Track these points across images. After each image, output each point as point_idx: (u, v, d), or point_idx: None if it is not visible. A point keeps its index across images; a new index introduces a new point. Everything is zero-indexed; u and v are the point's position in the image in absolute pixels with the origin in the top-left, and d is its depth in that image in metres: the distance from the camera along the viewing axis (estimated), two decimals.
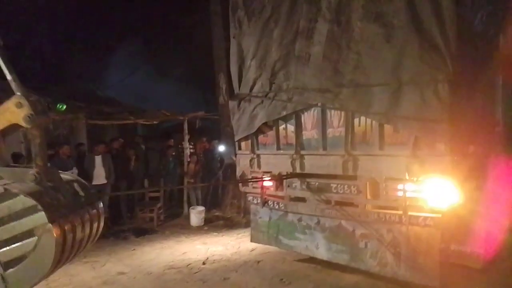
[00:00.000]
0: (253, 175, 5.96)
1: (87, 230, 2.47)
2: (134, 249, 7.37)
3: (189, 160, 10.78)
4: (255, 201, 5.99)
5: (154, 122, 11.60)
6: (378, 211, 4.76)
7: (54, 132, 10.95)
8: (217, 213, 10.22)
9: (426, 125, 4.23)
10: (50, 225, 2.12)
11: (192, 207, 9.87)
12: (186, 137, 11.15)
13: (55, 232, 2.13)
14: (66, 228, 2.23)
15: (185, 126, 11.09)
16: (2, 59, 2.30)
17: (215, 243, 7.67)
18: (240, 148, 6.13)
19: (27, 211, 2.12)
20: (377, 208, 4.81)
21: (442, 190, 4.30)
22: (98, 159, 9.09)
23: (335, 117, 5.07)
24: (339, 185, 5.08)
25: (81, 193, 2.45)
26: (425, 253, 4.44)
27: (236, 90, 5.95)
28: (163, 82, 12.57)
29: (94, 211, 2.54)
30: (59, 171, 2.75)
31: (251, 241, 6.27)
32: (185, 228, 9.02)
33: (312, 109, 5.26)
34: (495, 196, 4.96)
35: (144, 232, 8.69)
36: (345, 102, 4.84)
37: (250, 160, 5.89)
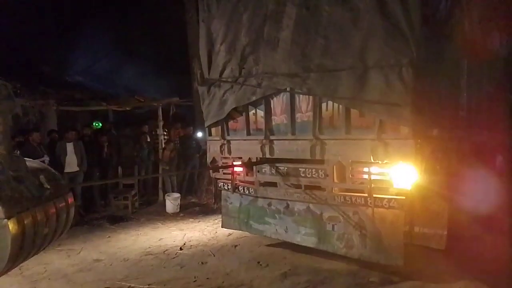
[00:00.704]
0: (224, 161, 5.94)
1: (53, 224, 2.41)
2: (109, 237, 7.32)
3: (164, 147, 10.68)
4: (225, 187, 5.99)
5: (127, 108, 11.41)
6: (345, 194, 4.83)
7: (23, 118, 10.67)
8: (193, 200, 10.22)
9: (390, 109, 4.28)
10: (5, 220, 2.03)
11: (167, 194, 9.80)
12: (161, 124, 11.03)
13: (11, 228, 2.05)
14: (26, 223, 2.15)
15: (159, 112, 10.96)
16: None
17: (191, 229, 7.67)
18: (210, 134, 6.10)
19: None
20: (343, 191, 4.87)
21: (406, 173, 4.39)
22: (69, 146, 8.91)
23: (304, 102, 5.09)
24: (307, 169, 5.11)
25: (47, 185, 2.35)
26: (390, 234, 4.54)
27: (206, 75, 5.88)
28: (135, 67, 12.33)
29: (63, 204, 2.49)
30: (28, 159, 2.64)
31: (222, 226, 6.29)
32: (161, 215, 8.98)
33: (281, 94, 5.26)
34: (458, 179, 5.09)
35: (119, 219, 8.61)
36: (313, 86, 4.85)
37: (221, 146, 5.88)
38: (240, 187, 5.82)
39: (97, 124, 9.16)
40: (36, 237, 2.27)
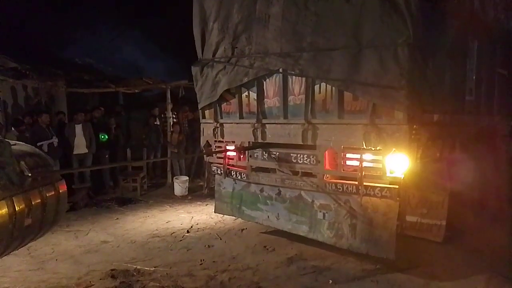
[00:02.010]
0: (217, 145, 5.77)
1: (39, 214, 2.32)
2: (117, 218, 7.32)
3: (172, 129, 10.60)
4: (218, 172, 5.83)
5: (136, 90, 11.34)
6: (336, 182, 4.59)
7: (33, 100, 10.75)
8: (201, 183, 10.12)
9: (384, 92, 4.00)
10: None
11: (175, 176, 9.76)
12: (169, 106, 10.92)
13: None
14: (1, 214, 2.04)
15: (168, 95, 10.85)
16: None
17: (199, 212, 7.62)
18: (204, 117, 5.91)
19: None
20: (335, 178, 4.64)
21: (400, 160, 4.12)
22: (78, 128, 8.95)
23: (296, 84, 4.84)
24: (299, 155, 4.88)
25: (27, 173, 2.22)
26: (382, 225, 4.30)
27: (199, 55, 5.67)
28: (145, 49, 12.24)
29: (51, 192, 2.41)
30: (20, 143, 2.49)
31: (215, 211, 6.16)
32: (169, 198, 8.96)
33: (274, 75, 5.01)
34: (461, 167, 4.77)
35: (128, 201, 8.63)
36: (305, 67, 4.59)
37: (214, 129, 5.70)
38: (232, 172, 5.64)
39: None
40: (15, 229, 2.15)
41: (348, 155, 4.47)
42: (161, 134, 10.92)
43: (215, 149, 5.76)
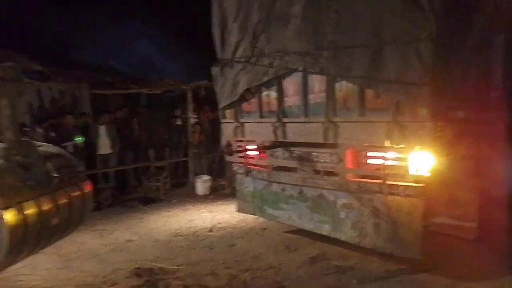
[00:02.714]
0: (238, 144, 5.78)
1: (65, 213, 2.34)
2: (141, 218, 7.45)
3: (193, 130, 10.69)
4: (240, 171, 5.84)
5: (158, 91, 11.48)
6: (359, 180, 4.54)
7: (59, 101, 11.00)
8: (222, 182, 10.17)
9: (407, 88, 3.92)
10: (1, 212, 1.97)
11: (197, 176, 9.84)
12: (190, 107, 11.03)
13: (8, 219, 1.99)
14: (28, 213, 2.07)
15: (189, 95, 10.96)
16: None
17: (221, 211, 7.68)
18: (224, 117, 5.94)
19: None
20: (357, 177, 4.59)
21: (424, 158, 4.04)
22: (102, 129, 9.12)
23: (317, 82, 4.80)
24: (320, 154, 4.85)
25: (54, 173, 2.25)
26: (406, 224, 4.22)
27: (219, 55, 5.70)
28: (166, 50, 12.38)
29: (77, 192, 2.42)
30: (47, 144, 2.55)
31: (237, 211, 6.18)
32: (191, 197, 9.05)
33: (294, 74, 4.98)
34: (489, 165, 4.65)
35: (151, 201, 8.76)
36: (326, 65, 4.55)
37: (234, 129, 5.71)
38: (253, 171, 5.64)
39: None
40: (42, 228, 2.19)
41: (370, 154, 4.41)
42: (183, 134, 11.02)
43: (236, 148, 5.77)
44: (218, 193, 9.33)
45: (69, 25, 10.10)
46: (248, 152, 5.58)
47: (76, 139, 8.78)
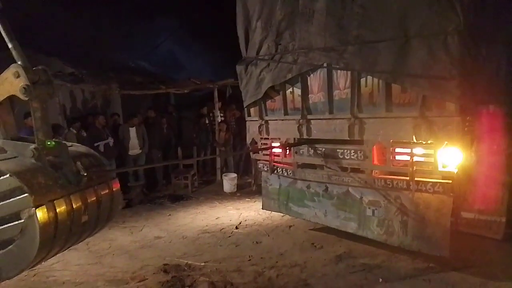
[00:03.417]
0: (263, 142, 5.78)
1: (94, 211, 2.39)
2: (170, 215, 7.60)
3: (219, 128, 10.79)
4: (265, 168, 5.85)
5: (185, 91, 11.62)
6: (386, 177, 4.47)
7: (90, 102, 11.32)
8: (249, 180, 10.22)
9: (434, 82, 3.84)
10: (33, 209, 2.01)
11: (224, 174, 9.94)
12: (217, 105, 11.13)
13: (40, 217, 2.04)
14: (59, 211, 2.13)
15: (215, 94, 11.07)
16: (2, 25, 2.17)
17: (247, 208, 7.74)
18: (249, 115, 5.95)
19: (14, 192, 2.04)
20: (384, 174, 4.51)
21: (453, 154, 3.94)
22: (132, 131, 9.33)
23: (342, 78, 4.74)
24: (345, 151, 4.80)
25: (83, 172, 2.30)
26: (435, 222, 4.13)
27: (243, 54, 5.71)
28: (194, 50, 12.50)
29: (106, 191, 2.47)
30: (77, 144, 2.67)
31: (263, 208, 6.18)
32: (218, 194, 9.16)
33: (318, 70, 4.94)
34: None
35: (179, 198, 8.91)
36: (350, 61, 4.49)
37: (259, 127, 5.71)
38: (279, 168, 5.64)
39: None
40: (73, 225, 2.25)
41: (397, 150, 4.33)
42: (210, 133, 11.14)
43: (261, 146, 5.78)
44: (245, 190, 9.39)
45: (100, 27, 10.33)
46: (273, 150, 5.57)
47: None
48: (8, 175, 2.03)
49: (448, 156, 3.97)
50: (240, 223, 6.72)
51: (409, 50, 3.99)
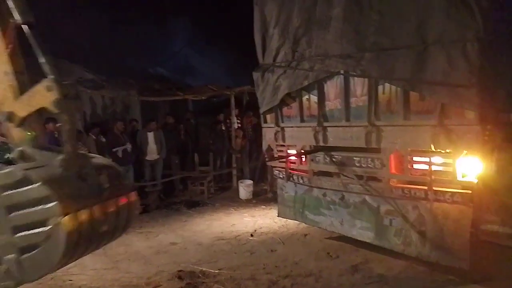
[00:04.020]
0: (278, 149, 5.77)
1: (113, 222, 2.50)
2: (185, 221, 7.64)
3: (236, 135, 10.81)
4: (281, 175, 5.83)
5: (203, 97, 11.71)
6: (403, 186, 4.40)
7: (109, 108, 11.48)
8: (265, 187, 10.21)
9: (453, 90, 3.78)
10: (61, 218, 2.12)
11: (240, 180, 9.94)
12: (233, 112, 11.15)
13: (66, 225, 2.14)
14: (82, 220, 2.23)
15: (232, 100, 11.09)
16: (35, 40, 2.32)
17: (263, 216, 7.72)
18: (265, 121, 5.95)
19: (42, 200, 2.15)
20: (402, 183, 4.44)
21: (472, 163, 3.85)
22: (150, 136, 9.40)
23: (359, 85, 4.70)
24: (362, 159, 4.74)
25: (106, 185, 2.42)
26: (454, 232, 4.05)
27: (260, 61, 5.73)
28: (212, 57, 12.64)
29: (124, 202, 2.57)
30: (96, 155, 2.78)
31: (278, 215, 6.15)
32: (234, 201, 9.17)
33: (335, 77, 4.92)
34: None
35: (195, 204, 8.95)
36: (368, 68, 4.46)
37: (275, 134, 5.70)
38: (294, 176, 5.61)
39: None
40: (93, 234, 2.35)
41: (415, 158, 4.26)
42: (226, 139, 11.16)
43: (277, 153, 5.76)
44: (261, 197, 9.37)
45: (119, 34, 10.56)
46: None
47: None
48: (39, 184, 2.13)
49: (468, 166, 3.89)
50: (255, 230, 6.69)
51: (427, 58, 3.94)
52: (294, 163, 5.60)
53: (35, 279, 2.39)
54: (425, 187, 4.16)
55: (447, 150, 3.95)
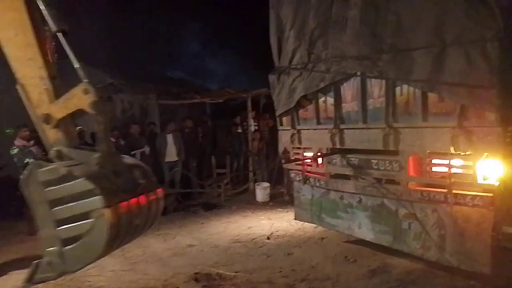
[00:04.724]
0: (295, 151, 5.75)
1: (145, 216, 2.67)
2: (202, 223, 7.66)
3: (252, 137, 10.82)
4: (297, 178, 5.80)
5: (220, 100, 11.78)
6: (422, 189, 4.32)
7: (128, 112, 11.64)
8: (282, 189, 10.19)
9: (473, 91, 3.70)
10: (105, 210, 2.30)
11: (257, 183, 9.93)
12: (250, 115, 11.18)
13: (109, 216, 2.32)
14: (122, 213, 2.41)
15: (249, 103, 11.12)
16: (69, 47, 2.54)
17: (279, 218, 7.69)
18: (281, 124, 5.95)
19: (86, 194, 2.33)
20: (420, 186, 4.36)
21: (493, 166, 3.76)
22: (169, 138, 9.46)
23: (376, 87, 4.65)
24: (380, 161, 4.67)
25: (141, 180, 2.64)
26: (474, 236, 3.94)
27: (276, 63, 5.73)
28: (229, 61, 12.71)
29: (154, 197, 2.76)
30: (124, 156, 2.96)
31: (295, 218, 6.12)
32: (251, 204, 9.16)
33: (352, 79, 4.88)
34: None
35: (212, 206, 8.99)
36: (385, 69, 4.41)
37: (291, 136, 5.69)
38: (311, 178, 5.57)
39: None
40: (129, 227, 2.53)
41: (434, 161, 4.18)
42: (243, 142, 11.19)
43: (293, 155, 5.73)
44: (277, 200, 9.34)
45: (138, 39, 10.70)
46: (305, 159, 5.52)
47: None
48: (82, 179, 2.32)
49: (489, 168, 3.79)
50: (272, 233, 6.66)
51: (446, 58, 3.87)
52: (310, 165, 5.57)
53: (77, 270, 2.56)
54: (445, 190, 4.07)
55: (467, 152, 3.85)
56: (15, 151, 6.97)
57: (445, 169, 4.07)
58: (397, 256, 4.90)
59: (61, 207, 2.39)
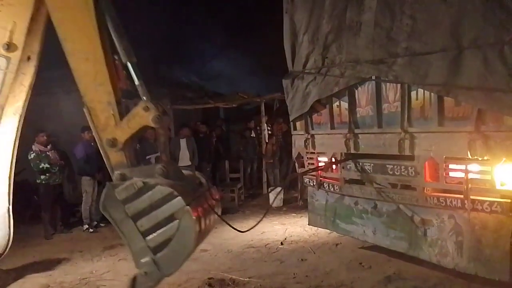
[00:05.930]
0: (308, 156, 5.73)
1: (212, 215, 2.89)
2: (216, 227, 7.58)
3: (266, 141, 10.84)
4: (311, 183, 5.77)
5: (233, 105, 11.84)
6: (438, 195, 4.23)
7: None
8: (295, 194, 10.16)
9: (491, 95, 3.63)
10: (188, 207, 2.48)
11: (271, 187, 9.93)
12: (264, 119, 11.22)
13: (192, 212, 2.50)
14: (198, 210, 2.59)
15: (262, 108, 11.18)
16: (133, 66, 2.79)
17: (293, 223, 7.69)
18: (295, 129, 5.94)
19: (165, 199, 2.49)
20: (437, 191, 4.28)
21: None
22: (183, 142, 9.56)
23: (391, 91, 4.61)
24: (395, 166, 4.61)
25: (206, 184, 2.89)
26: (492, 243, 3.85)
27: (290, 68, 5.72)
28: (243, 65, 12.78)
29: (216, 198, 3.03)
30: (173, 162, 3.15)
31: (309, 224, 6.09)
32: (265, 208, 9.05)
33: (366, 83, 4.84)
34: None
35: (226, 211, 8.92)
36: (400, 73, 4.35)
37: (305, 141, 5.67)
38: (325, 183, 5.53)
39: None
40: (204, 224, 2.71)
41: (451, 166, 4.10)
42: (257, 146, 11.22)
43: (307, 160, 5.71)
44: (291, 205, 9.36)
45: (152, 44, 10.82)
46: (319, 164, 5.49)
47: None
48: (158, 186, 2.49)
49: (507, 174, 3.72)
50: (285, 238, 6.65)
51: (463, 62, 3.80)
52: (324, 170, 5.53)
53: (174, 272, 2.73)
54: (462, 196, 3.98)
55: (485, 158, 3.78)
56: (32, 155, 7.09)
57: (462, 175, 3.99)
58: (413, 263, 4.83)
59: (144, 218, 2.53)
